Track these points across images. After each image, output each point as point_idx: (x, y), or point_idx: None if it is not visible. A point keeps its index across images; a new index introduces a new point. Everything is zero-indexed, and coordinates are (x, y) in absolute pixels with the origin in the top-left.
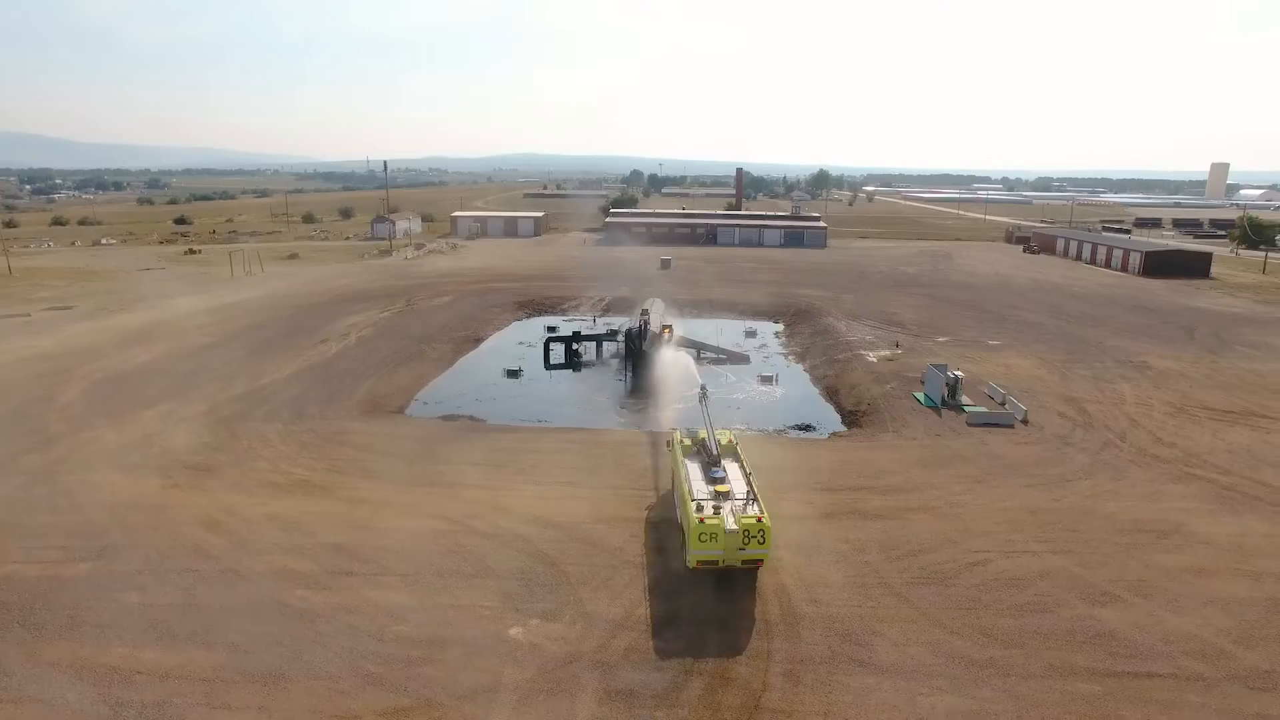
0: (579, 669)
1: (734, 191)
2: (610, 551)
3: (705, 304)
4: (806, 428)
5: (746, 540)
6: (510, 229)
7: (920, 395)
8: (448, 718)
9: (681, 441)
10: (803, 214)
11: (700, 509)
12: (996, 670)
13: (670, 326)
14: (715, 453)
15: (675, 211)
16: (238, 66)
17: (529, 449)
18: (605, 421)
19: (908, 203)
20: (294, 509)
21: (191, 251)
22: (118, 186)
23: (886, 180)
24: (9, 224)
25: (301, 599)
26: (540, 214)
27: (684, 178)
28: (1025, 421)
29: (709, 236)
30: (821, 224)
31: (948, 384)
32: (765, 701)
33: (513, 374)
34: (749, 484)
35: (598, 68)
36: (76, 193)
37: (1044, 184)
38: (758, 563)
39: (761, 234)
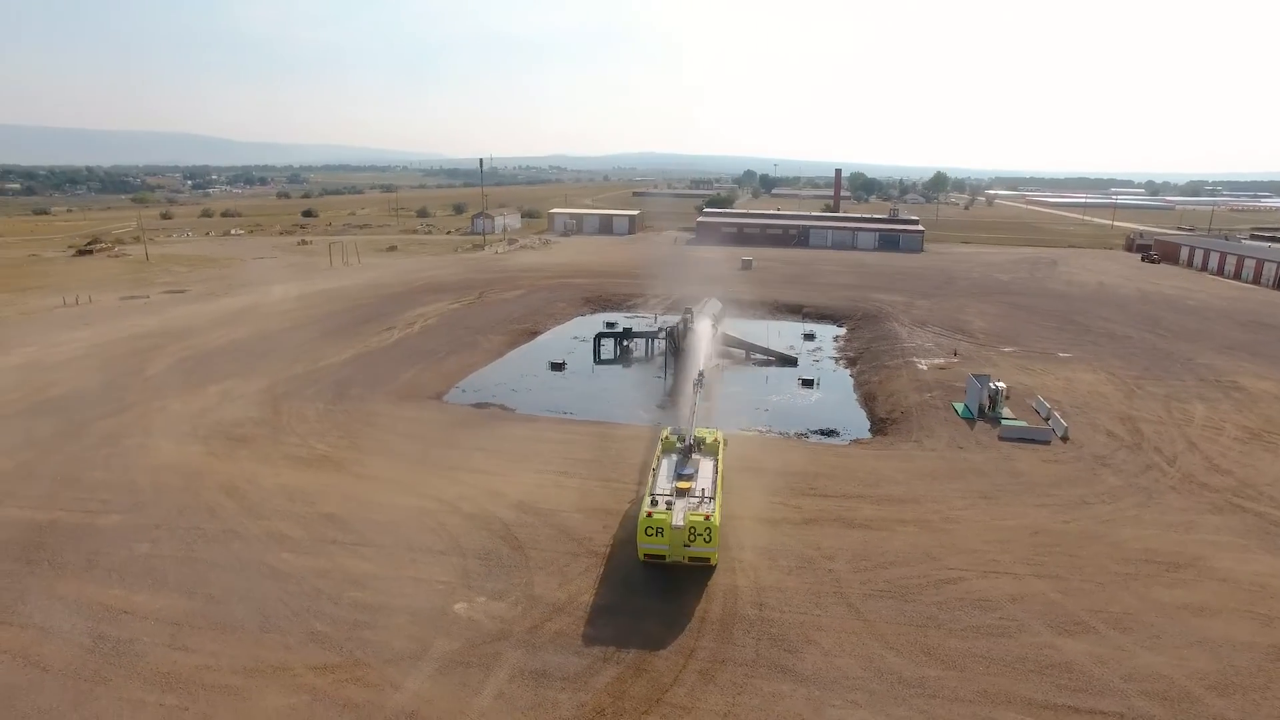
0: (504, 646)
1: (844, 193)
2: (578, 540)
3: (771, 305)
4: (830, 433)
5: (692, 537)
6: (605, 226)
7: (960, 406)
8: (367, 678)
9: (666, 438)
10: (900, 217)
11: (655, 503)
12: (923, 691)
13: (714, 325)
14: (689, 445)
15: (767, 212)
16: (376, 68)
17: (539, 438)
18: (628, 416)
19: (1031, 207)
20: (305, 481)
21: (304, 242)
22: (263, 182)
23: (1015, 183)
24: (165, 215)
25: (283, 561)
26: (635, 212)
27: (797, 179)
28: (1065, 439)
29: (800, 238)
30: (919, 228)
31: (989, 395)
32: (670, 696)
33: (556, 367)
34: (714, 483)
35: (718, 69)
36: (228, 187)
37: (1195, 188)
38: (706, 561)
39: (855, 237)
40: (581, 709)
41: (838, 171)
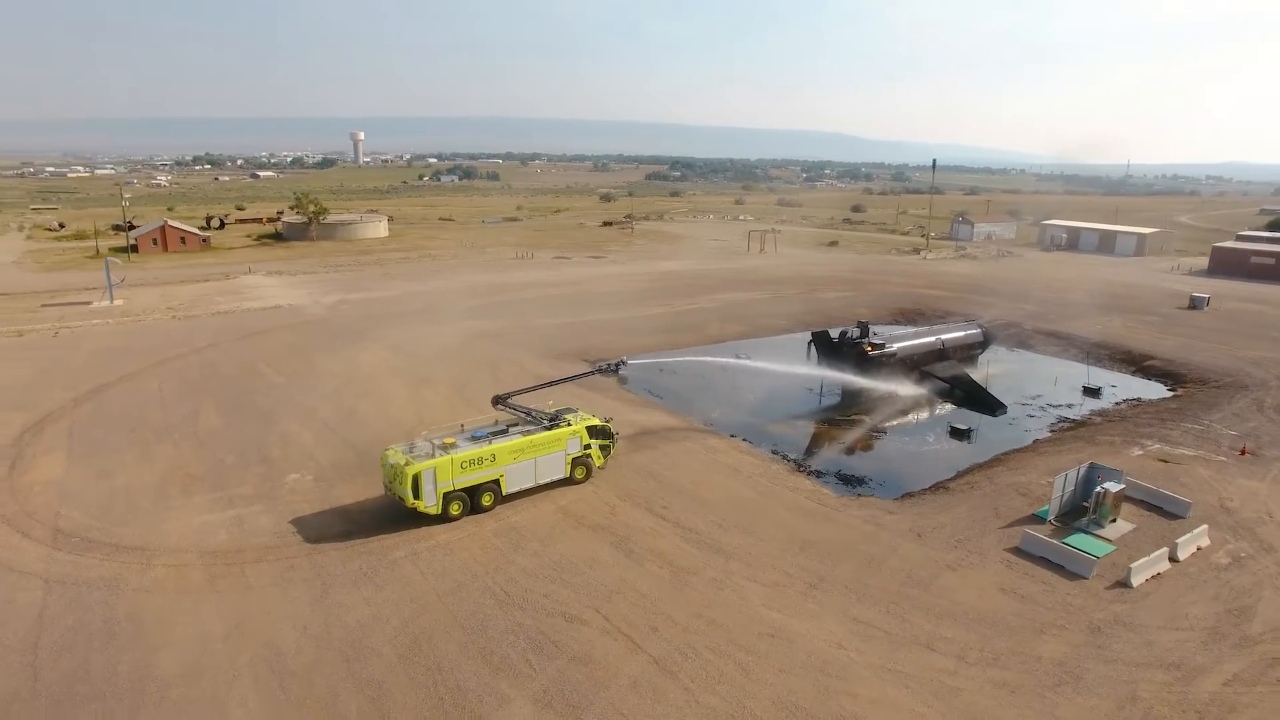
0: (260, 503)
1: None
2: None
3: (1114, 351)
4: (854, 480)
5: (393, 477)
6: (1106, 245)
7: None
8: (189, 486)
9: (535, 411)
10: None
11: (408, 444)
12: (347, 657)
13: (878, 344)
14: (499, 397)
15: None
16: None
17: (580, 403)
18: (701, 410)
19: None
20: (388, 389)
21: (774, 230)
22: (867, 177)
23: None
24: (737, 201)
25: (284, 425)
26: (1148, 231)
27: None
28: (1124, 584)
29: None
30: None
31: (1098, 495)
32: (287, 573)
33: (737, 357)
34: (479, 449)
35: None
36: (834, 181)
37: None
38: (403, 501)
39: None
40: (222, 548)
41: None
